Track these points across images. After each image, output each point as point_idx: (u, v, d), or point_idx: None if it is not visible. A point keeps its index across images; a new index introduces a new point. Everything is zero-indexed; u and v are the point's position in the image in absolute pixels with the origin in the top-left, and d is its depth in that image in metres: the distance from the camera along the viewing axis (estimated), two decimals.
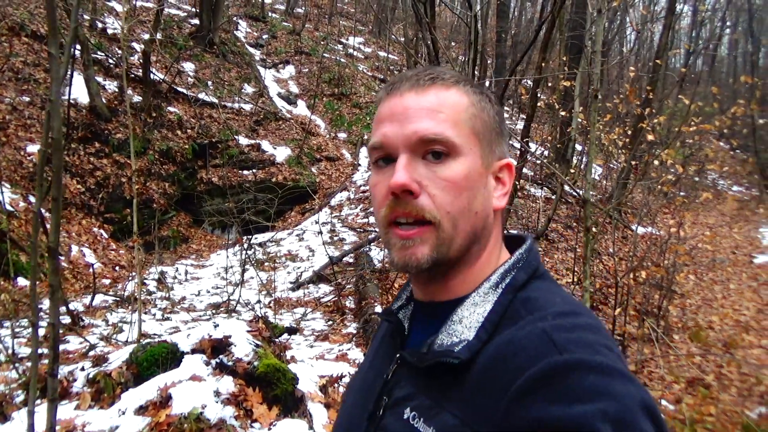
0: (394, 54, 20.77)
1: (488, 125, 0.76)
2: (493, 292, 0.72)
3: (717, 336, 6.29)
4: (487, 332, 0.68)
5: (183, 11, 16.14)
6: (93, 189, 9.57)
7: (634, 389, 0.55)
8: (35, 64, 10.21)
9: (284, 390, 3.23)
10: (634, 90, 6.62)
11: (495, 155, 0.77)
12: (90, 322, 6.09)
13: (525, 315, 0.67)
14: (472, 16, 5.87)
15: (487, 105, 0.77)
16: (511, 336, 0.65)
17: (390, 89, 0.76)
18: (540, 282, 0.74)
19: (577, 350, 0.58)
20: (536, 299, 0.70)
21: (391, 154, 0.73)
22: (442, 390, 0.68)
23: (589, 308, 2.90)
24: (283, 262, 9.44)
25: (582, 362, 0.57)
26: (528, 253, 0.77)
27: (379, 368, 0.82)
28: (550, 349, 0.59)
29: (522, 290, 0.72)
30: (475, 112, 0.74)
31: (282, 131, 13.73)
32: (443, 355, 0.68)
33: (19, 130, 9.05)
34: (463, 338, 0.68)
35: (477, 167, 0.73)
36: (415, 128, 0.71)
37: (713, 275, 9.04)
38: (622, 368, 0.58)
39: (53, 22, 1.27)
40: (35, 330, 1.52)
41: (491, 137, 0.76)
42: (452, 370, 0.67)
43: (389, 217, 0.72)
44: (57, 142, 1.32)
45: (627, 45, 25.84)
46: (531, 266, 0.75)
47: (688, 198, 8.17)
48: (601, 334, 0.64)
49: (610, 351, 0.60)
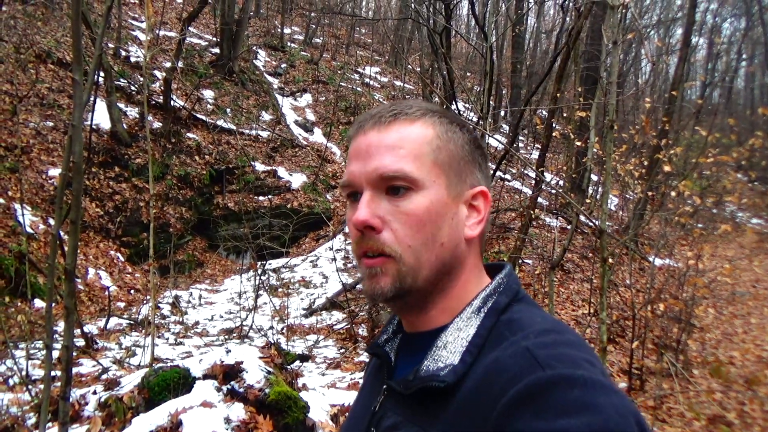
0: (409, 84, 21.01)
1: (456, 155, 0.76)
2: (476, 316, 0.73)
3: (738, 372, 6.13)
4: (472, 355, 0.68)
5: (204, 41, 16.53)
6: (111, 212, 9.71)
7: (618, 401, 0.56)
8: (60, 91, 10.49)
9: (295, 419, 3.19)
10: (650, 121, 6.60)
11: (466, 184, 0.77)
12: (104, 345, 6.11)
13: (509, 336, 0.68)
14: (487, 47, 5.94)
15: (456, 135, 0.77)
16: (495, 357, 0.65)
17: (357, 128, 0.78)
18: (521, 305, 0.75)
19: (560, 366, 0.59)
20: (519, 320, 0.71)
21: (357, 190, 0.76)
22: (429, 415, 0.68)
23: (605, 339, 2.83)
24: (296, 288, 9.43)
25: (565, 377, 0.58)
26: (508, 278, 0.78)
27: (367, 401, 0.82)
28: (533, 366, 0.60)
29: (504, 313, 0.73)
30: (440, 143, 0.75)
31: (298, 158, 13.88)
32: (429, 380, 0.68)
33: (42, 154, 9.25)
34: (448, 362, 0.69)
35: (441, 199, 0.74)
36: (375, 165, 0.73)
37: (733, 309, 8.84)
38: (606, 381, 0.58)
39: (78, 49, 1.31)
40: (49, 352, 1.53)
41: (460, 166, 0.77)
42: (439, 395, 0.67)
43: (357, 251, 0.76)
44: (78, 166, 1.34)
45: (642, 77, 25.92)
46: (512, 290, 0.76)
47: (706, 230, 8.07)
48: (584, 350, 0.64)
49: (593, 366, 0.61)
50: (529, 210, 6.22)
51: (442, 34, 8.52)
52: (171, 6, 17.81)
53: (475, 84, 18.74)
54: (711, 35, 24.32)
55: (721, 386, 5.51)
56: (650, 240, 10.58)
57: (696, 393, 5.38)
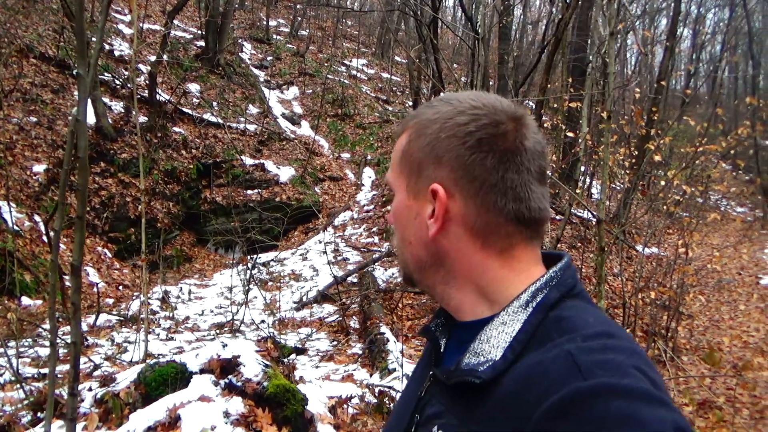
0: (396, 75, 20.96)
1: (416, 156, 0.77)
2: (523, 311, 0.70)
3: (726, 358, 6.23)
4: (515, 352, 0.66)
5: (189, 34, 16.34)
6: (98, 208, 9.59)
7: (666, 413, 0.53)
8: (43, 85, 10.31)
9: (294, 411, 3.19)
10: (641, 111, 6.65)
11: (426, 181, 0.75)
12: (94, 342, 6.05)
13: (555, 336, 0.65)
14: (477, 39, 5.93)
15: (423, 135, 0.76)
16: (539, 358, 0.63)
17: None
18: (574, 301, 0.72)
19: (603, 374, 0.56)
20: (568, 319, 0.68)
21: None
22: (468, 409, 0.67)
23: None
24: (287, 281, 9.40)
25: (607, 387, 0.55)
26: (563, 271, 0.75)
27: (417, 384, 0.83)
28: (574, 374, 0.57)
29: (554, 309, 0.70)
30: (407, 147, 0.79)
31: (286, 151, 13.80)
32: (467, 374, 0.67)
33: (26, 150, 9.10)
34: (489, 358, 0.67)
35: (403, 201, 0.80)
36: None
37: (720, 296, 8.97)
38: (654, 391, 0.55)
39: (82, 43, 1.28)
40: (53, 349, 1.51)
41: (420, 165, 0.76)
42: (478, 390, 0.66)
43: None
44: (83, 162, 1.32)
45: (628, 67, 26.08)
46: (566, 284, 0.73)
47: (694, 219, 8.15)
48: (636, 357, 0.61)
49: (643, 374, 0.58)
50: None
51: (430, 25, 8.50)
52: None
53: (462, 75, 18.74)
54: (696, 25, 24.54)
55: (711, 372, 5.60)
56: (638, 229, 10.69)
57: (686, 379, 5.47)
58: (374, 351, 5.50)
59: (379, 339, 5.63)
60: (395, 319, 6.75)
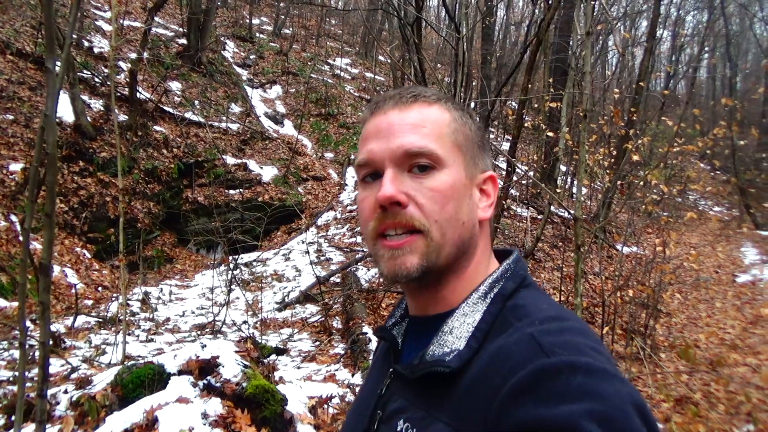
0: (380, 75, 20.95)
1: (470, 139, 0.79)
2: (482, 301, 0.73)
3: (703, 354, 6.33)
4: (478, 341, 0.69)
5: (170, 31, 16.16)
6: (76, 208, 9.45)
7: (622, 388, 0.56)
8: (20, 83, 10.13)
9: (273, 412, 3.17)
10: (620, 111, 6.72)
11: (478, 168, 0.79)
12: (72, 344, 5.96)
13: (514, 322, 0.68)
14: (460, 38, 5.95)
15: (468, 120, 0.80)
16: (500, 343, 0.66)
17: (374, 108, 0.79)
18: (527, 291, 0.76)
19: (565, 353, 0.59)
20: (524, 306, 0.71)
21: (378, 169, 0.76)
22: (434, 400, 0.68)
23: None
24: (269, 282, 9.35)
25: (569, 364, 0.58)
26: (516, 264, 0.79)
27: (374, 384, 0.83)
28: (537, 353, 0.60)
29: (510, 299, 0.73)
30: (457, 126, 0.77)
31: (269, 151, 13.72)
32: (434, 365, 0.69)
33: (2, 149, 8.93)
34: (454, 348, 0.69)
35: (461, 178, 0.75)
36: (400, 142, 0.74)
37: (698, 294, 9.12)
38: (611, 368, 0.58)
39: (50, 37, 1.26)
40: (23, 350, 1.48)
41: (474, 150, 0.79)
42: (444, 380, 0.68)
43: (378, 229, 0.74)
44: (52, 158, 1.30)
45: (609, 68, 26.37)
46: (519, 276, 0.77)
47: (672, 218, 8.27)
48: (589, 337, 0.65)
49: (598, 353, 0.61)
50: (500, 200, 6.30)
51: (413, 25, 8.49)
52: None
53: (445, 75, 18.79)
54: (675, 27, 24.87)
55: (688, 368, 5.68)
56: (618, 228, 10.82)
57: (663, 376, 5.54)
58: (356, 351, 5.50)
59: (362, 339, 5.63)
60: (378, 319, 6.75)
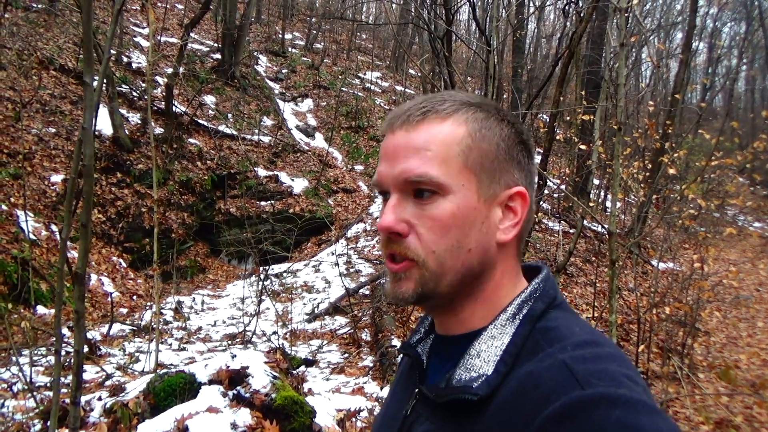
0: (410, 88, 21.04)
1: (489, 154, 0.72)
2: (511, 323, 0.70)
3: (744, 375, 6.10)
4: (507, 365, 0.66)
5: (206, 46, 16.56)
6: (113, 218, 9.70)
7: (663, 424, 0.53)
8: (62, 97, 10.50)
9: (302, 423, 3.17)
10: (654, 124, 6.60)
11: (500, 184, 0.73)
12: (107, 351, 6.09)
13: (545, 346, 0.65)
14: (490, 51, 5.94)
15: (491, 131, 0.72)
16: (531, 368, 0.63)
17: (387, 126, 0.75)
18: (558, 311, 0.72)
19: (600, 383, 0.56)
20: (555, 329, 0.68)
21: (386, 191, 0.74)
22: (461, 426, 0.66)
23: (615, 342, 2.83)
24: (299, 293, 9.40)
25: (606, 396, 0.55)
26: (545, 283, 0.75)
27: (399, 403, 0.80)
28: (571, 383, 0.57)
29: (540, 320, 0.70)
30: (471, 143, 0.71)
31: (300, 163, 13.88)
32: (462, 391, 0.66)
33: (44, 161, 9.25)
34: (481, 373, 0.67)
35: (470, 203, 0.70)
36: (401, 168, 0.70)
37: (738, 313, 8.82)
38: (649, 401, 0.56)
39: (89, 52, 1.30)
40: (58, 357, 1.51)
41: (494, 166, 0.72)
42: (471, 406, 0.65)
43: (384, 252, 0.74)
44: (88, 169, 1.33)
45: (643, 80, 25.95)
46: (548, 295, 0.73)
47: (710, 233, 8.04)
48: (624, 365, 0.61)
49: (635, 383, 0.58)
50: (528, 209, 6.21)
51: (443, 39, 8.52)
52: (172, 12, 17.85)
53: (476, 88, 18.76)
54: (711, 39, 24.38)
55: (728, 390, 5.48)
56: (653, 243, 10.57)
57: (702, 397, 5.35)
58: (385, 364, 5.47)
59: (391, 352, 5.60)
60: (407, 332, 6.72)
